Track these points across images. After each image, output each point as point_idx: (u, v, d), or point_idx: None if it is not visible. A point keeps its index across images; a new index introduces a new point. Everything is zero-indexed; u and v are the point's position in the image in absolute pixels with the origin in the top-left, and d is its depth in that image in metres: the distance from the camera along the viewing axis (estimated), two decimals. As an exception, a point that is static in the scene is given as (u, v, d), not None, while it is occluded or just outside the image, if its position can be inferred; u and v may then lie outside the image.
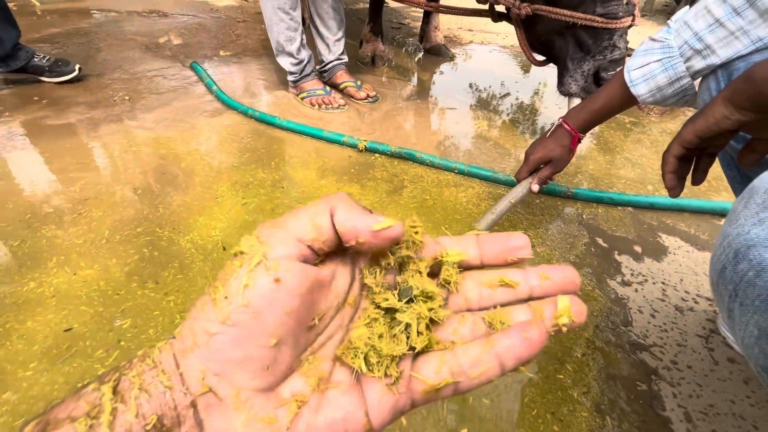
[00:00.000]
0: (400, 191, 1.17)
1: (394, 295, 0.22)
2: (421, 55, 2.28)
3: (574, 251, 0.99)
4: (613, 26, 1.07)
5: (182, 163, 1.23)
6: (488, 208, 1.11)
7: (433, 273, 0.24)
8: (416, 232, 0.23)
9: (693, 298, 0.88)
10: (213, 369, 0.18)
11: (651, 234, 1.06)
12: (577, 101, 1.23)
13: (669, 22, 0.71)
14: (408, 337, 0.21)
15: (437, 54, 2.22)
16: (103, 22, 2.42)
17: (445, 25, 2.69)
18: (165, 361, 0.19)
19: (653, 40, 0.71)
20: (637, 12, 1.12)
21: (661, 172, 0.58)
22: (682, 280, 0.93)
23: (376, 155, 1.33)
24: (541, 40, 1.23)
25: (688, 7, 0.84)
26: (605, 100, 0.79)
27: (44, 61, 1.59)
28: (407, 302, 0.22)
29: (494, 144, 1.44)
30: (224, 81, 1.79)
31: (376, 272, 0.23)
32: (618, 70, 1.14)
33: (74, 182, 1.12)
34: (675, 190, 0.57)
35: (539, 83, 2.02)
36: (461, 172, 1.24)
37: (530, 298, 0.24)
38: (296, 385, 0.19)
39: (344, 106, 1.59)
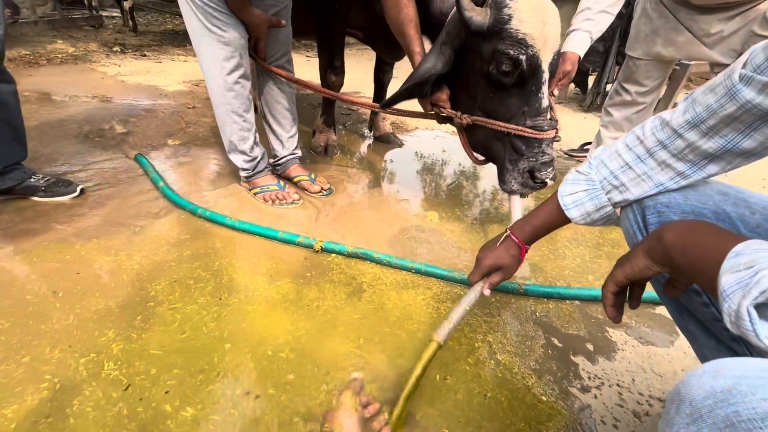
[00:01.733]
0: (359, 294, 1.15)
1: None
2: (370, 142, 2.41)
3: (533, 356, 1.00)
4: (541, 137, 1.21)
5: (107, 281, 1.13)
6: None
7: None
8: None
9: (647, 401, 0.92)
10: None
11: (599, 329, 1.12)
12: (517, 197, 1.34)
13: (589, 158, 0.81)
14: None
15: (386, 141, 2.36)
16: (38, 108, 2.32)
17: (393, 117, 2.90)
18: None
19: (579, 172, 0.81)
20: (559, 126, 1.29)
21: (603, 304, 0.65)
22: (633, 380, 0.97)
23: (333, 255, 1.32)
24: (482, 144, 1.36)
25: (610, 115, 0.97)
26: (546, 219, 0.87)
27: (41, 182, 1.46)
28: None
29: (446, 238, 1.50)
30: (172, 174, 1.74)
31: None
32: (549, 170, 1.28)
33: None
34: (616, 318, 0.65)
35: (480, 171, 2.19)
36: (418, 272, 1.26)
37: None
38: None
39: (298, 201, 1.60)
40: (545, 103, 1.20)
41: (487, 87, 1.20)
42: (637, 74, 1.75)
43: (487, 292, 0.88)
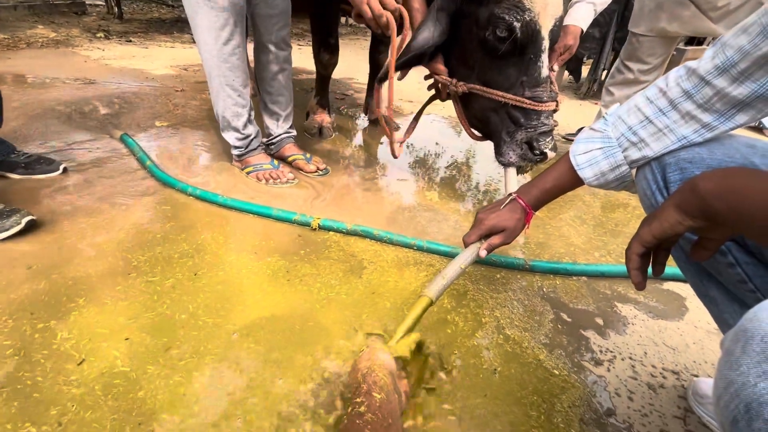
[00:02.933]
0: (359, 273, 1.10)
1: None
2: (366, 125, 2.35)
3: (543, 330, 0.97)
4: (540, 108, 1.16)
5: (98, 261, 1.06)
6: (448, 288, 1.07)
7: None
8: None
9: (660, 373, 0.88)
10: None
11: (608, 304, 1.08)
12: (512, 171, 1.29)
13: (605, 115, 0.77)
14: None
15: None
16: (17, 89, 2.21)
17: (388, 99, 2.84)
18: None
19: (593, 129, 0.77)
20: (560, 98, 1.24)
21: (626, 267, 0.60)
22: (646, 353, 0.93)
23: (331, 233, 1.26)
24: (478, 116, 1.30)
25: (611, 94, 0.94)
26: (555, 181, 0.82)
27: (22, 158, 1.37)
28: None
29: (447, 216, 1.45)
30: (160, 154, 1.66)
31: None
32: (548, 140, 1.23)
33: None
34: (641, 284, 0.59)
35: (478, 151, 2.15)
36: (420, 249, 1.21)
37: None
38: None
39: (293, 180, 1.53)
40: (545, 72, 1.15)
41: (484, 54, 1.15)
42: (640, 51, 1.72)
43: (483, 253, 0.84)
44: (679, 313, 1.08)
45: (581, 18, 1.43)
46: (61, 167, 1.43)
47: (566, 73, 4.09)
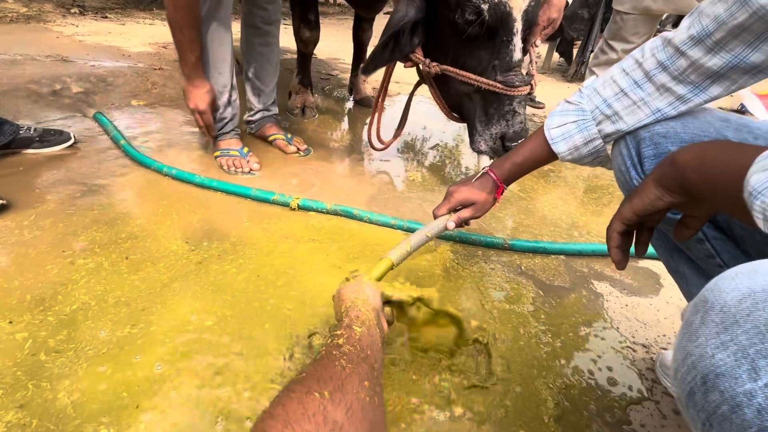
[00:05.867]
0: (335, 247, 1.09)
1: None
2: (350, 105, 2.31)
3: (522, 306, 0.97)
4: (512, 93, 1.15)
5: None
6: (427, 265, 1.07)
7: None
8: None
9: (629, 347, 0.90)
10: None
11: (584, 281, 1.10)
12: (485, 157, 1.29)
13: (581, 87, 0.76)
14: None
15: (367, 105, 2.26)
16: (-16, 66, 2.11)
17: (373, 77, 2.79)
18: None
19: (568, 102, 0.76)
20: (534, 81, 1.23)
21: (606, 246, 0.59)
22: (618, 327, 0.95)
23: (311, 213, 1.25)
24: (453, 99, 1.29)
25: (595, 76, 0.93)
26: (528, 155, 0.81)
27: (32, 133, 1.35)
28: None
29: (430, 197, 1.44)
30: (135, 134, 1.61)
31: None
32: (521, 133, 1.22)
33: None
34: (621, 263, 0.58)
35: (461, 132, 2.13)
36: (400, 228, 1.21)
37: None
38: None
39: (256, 172, 1.44)
40: (517, 56, 1.14)
41: (455, 38, 1.12)
42: (624, 30, 1.70)
43: (451, 225, 0.84)
44: (653, 290, 1.10)
45: None
46: (72, 136, 1.44)
47: (556, 55, 4.06)
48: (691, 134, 0.62)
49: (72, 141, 1.44)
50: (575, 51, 3.79)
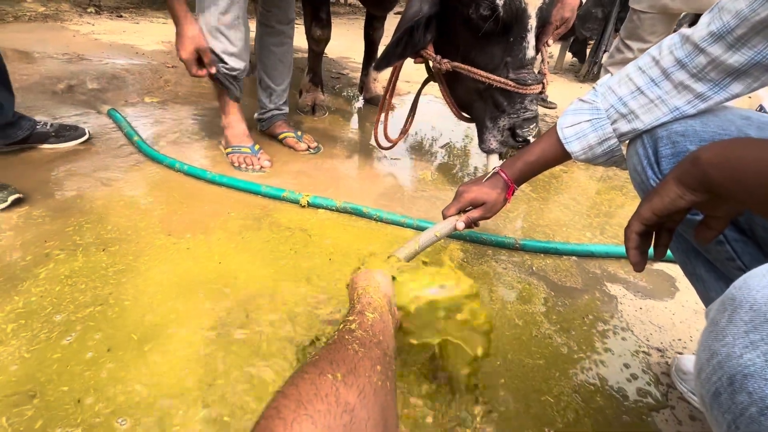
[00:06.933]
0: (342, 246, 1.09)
1: None
2: (361, 104, 2.31)
3: (533, 306, 0.96)
4: (524, 91, 1.13)
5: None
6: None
7: None
8: None
9: (643, 351, 0.88)
10: None
11: (597, 283, 1.08)
12: (495, 157, 1.27)
13: (595, 85, 0.74)
14: None
15: (377, 104, 2.25)
16: (3, 63, 2.15)
17: (383, 76, 2.79)
18: None
19: (582, 101, 0.74)
20: (546, 80, 1.21)
21: (624, 247, 0.57)
22: (632, 330, 0.93)
23: (320, 211, 1.24)
24: (463, 97, 1.28)
25: (609, 74, 0.91)
26: (540, 154, 0.80)
27: (49, 128, 1.38)
28: None
29: (440, 195, 1.44)
30: (148, 130, 1.63)
31: None
32: (532, 127, 1.21)
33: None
34: (639, 264, 0.55)
35: (472, 131, 2.11)
36: (410, 226, 1.20)
37: None
38: None
39: (267, 169, 1.44)
40: (530, 54, 1.12)
41: (468, 34, 1.11)
42: (641, 29, 1.67)
43: (461, 225, 0.83)
44: (668, 293, 1.07)
45: None
46: (87, 132, 1.47)
47: (569, 54, 4.02)
48: (711, 132, 0.61)
49: (87, 137, 1.46)
50: (588, 50, 3.73)
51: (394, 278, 0.67)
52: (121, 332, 0.77)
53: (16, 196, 1.08)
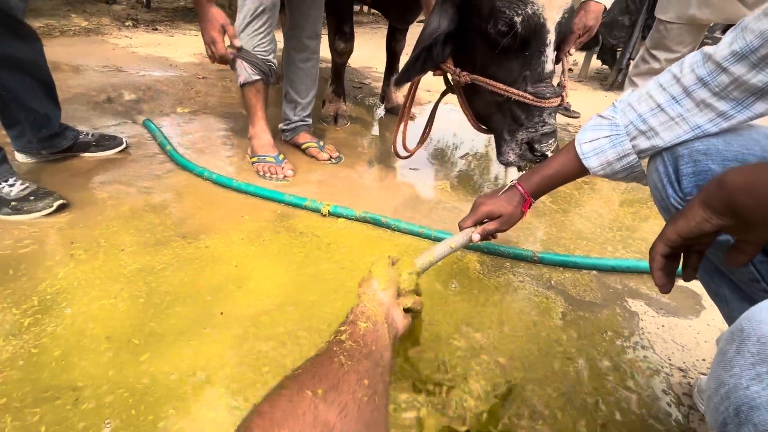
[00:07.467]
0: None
1: None
2: (382, 114, 2.35)
3: (551, 321, 0.96)
4: (542, 105, 1.13)
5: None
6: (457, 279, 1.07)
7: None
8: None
9: (665, 371, 0.86)
10: None
11: (618, 298, 1.06)
12: (513, 169, 1.27)
13: (615, 102, 0.75)
14: None
15: (398, 113, 2.28)
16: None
17: (404, 86, 2.82)
18: None
19: (601, 117, 0.75)
20: (566, 93, 1.20)
21: (650, 268, 0.56)
22: (654, 349, 0.91)
23: (339, 219, 1.28)
24: (481, 110, 1.28)
25: (631, 89, 0.91)
26: (558, 168, 0.80)
27: (90, 138, 1.49)
28: None
29: (456, 205, 1.45)
30: (180, 139, 1.71)
31: None
32: (550, 142, 1.20)
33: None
34: (665, 286, 0.54)
35: (491, 142, 2.11)
36: (428, 237, 1.21)
37: None
38: None
39: (289, 178, 1.49)
40: (549, 68, 1.12)
41: (487, 48, 1.12)
42: (668, 39, 1.64)
43: (476, 237, 0.83)
44: (692, 312, 1.04)
45: None
46: (125, 141, 1.56)
47: (596, 60, 3.95)
48: (734, 152, 0.60)
49: (124, 146, 1.55)
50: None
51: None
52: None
53: (61, 201, 1.16)
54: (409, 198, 1.46)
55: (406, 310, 0.67)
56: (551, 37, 1.09)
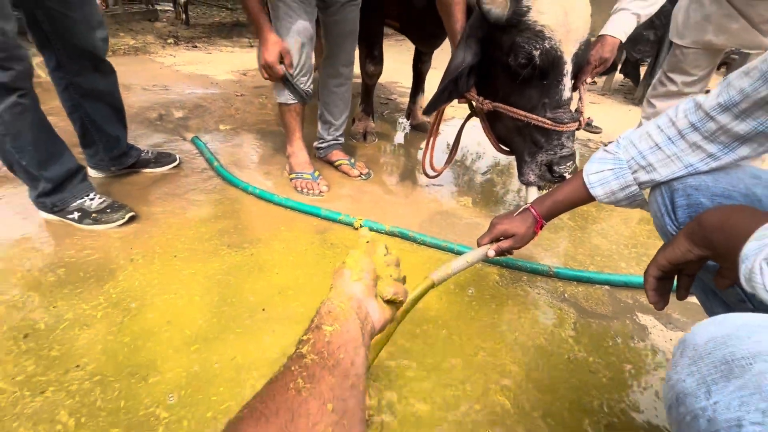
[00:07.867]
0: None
1: None
2: (408, 130, 2.47)
3: (563, 333, 1.05)
4: (561, 129, 1.22)
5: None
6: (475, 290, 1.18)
7: None
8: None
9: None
10: None
11: (628, 312, 1.14)
12: (534, 189, 1.36)
13: (618, 138, 0.84)
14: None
15: (422, 130, 2.41)
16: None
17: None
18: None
19: (606, 151, 0.84)
20: (583, 119, 1.28)
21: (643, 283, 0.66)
22: (660, 363, 0.99)
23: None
24: (503, 134, 1.38)
25: (653, 107, 0.98)
26: (568, 194, 0.90)
27: (150, 155, 1.69)
28: None
29: (477, 221, 1.55)
30: (223, 155, 1.89)
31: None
32: (569, 164, 1.28)
33: (76, 264, 1.14)
34: (658, 304, 0.64)
35: (513, 161, 2.20)
36: (451, 251, 1.33)
37: None
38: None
39: (323, 193, 1.63)
40: (566, 95, 1.20)
41: (508, 78, 1.21)
42: (685, 63, 1.70)
43: (491, 253, 0.93)
44: (701, 327, 1.11)
45: (621, 28, 1.40)
46: (178, 158, 1.75)
47: (620, 75, 3.96)
48: (721, 188, 0.69)
49: (177, 162, 1.74)
50: (643, 71, 3.67)
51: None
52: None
53: (131, 214, 1.34)
54: (433, 213, 1.58)
55: (388, 302, 0.59)
56: (568, 68, 1.18)
